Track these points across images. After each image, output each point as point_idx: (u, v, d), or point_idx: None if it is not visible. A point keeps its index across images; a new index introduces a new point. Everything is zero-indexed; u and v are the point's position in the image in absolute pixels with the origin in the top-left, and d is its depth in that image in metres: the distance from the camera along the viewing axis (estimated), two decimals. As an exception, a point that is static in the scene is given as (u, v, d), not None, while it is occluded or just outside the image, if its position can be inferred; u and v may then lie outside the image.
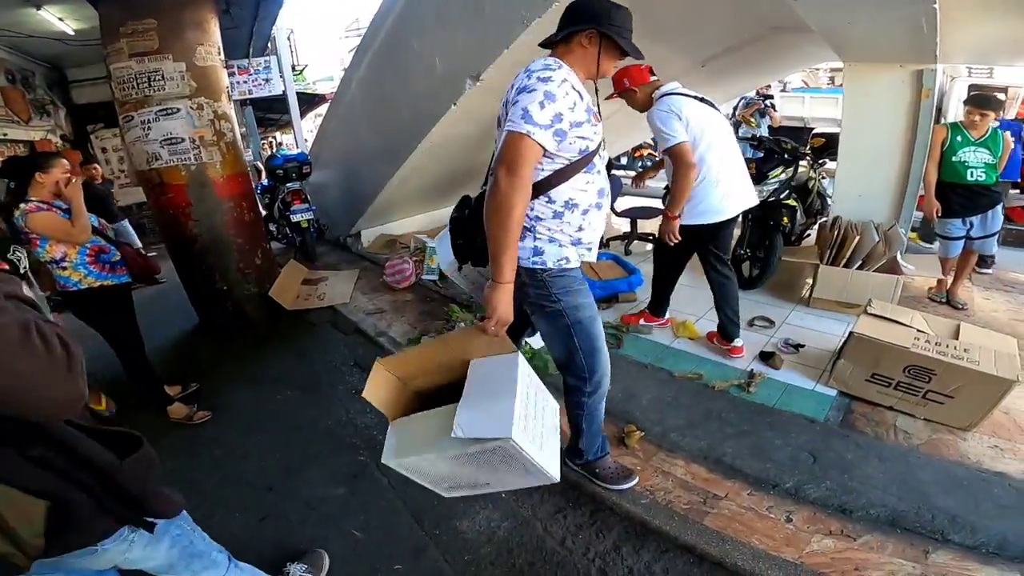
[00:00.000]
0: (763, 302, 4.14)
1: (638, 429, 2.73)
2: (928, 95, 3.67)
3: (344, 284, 5.26)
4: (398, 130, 4.82)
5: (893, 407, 2.79)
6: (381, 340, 4.03)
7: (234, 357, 4.14)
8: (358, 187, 5.85)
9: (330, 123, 6.28)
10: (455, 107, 3.99)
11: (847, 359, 2.88)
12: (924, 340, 2.71)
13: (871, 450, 2.53)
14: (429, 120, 4.31)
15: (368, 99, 5.16)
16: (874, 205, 4.02)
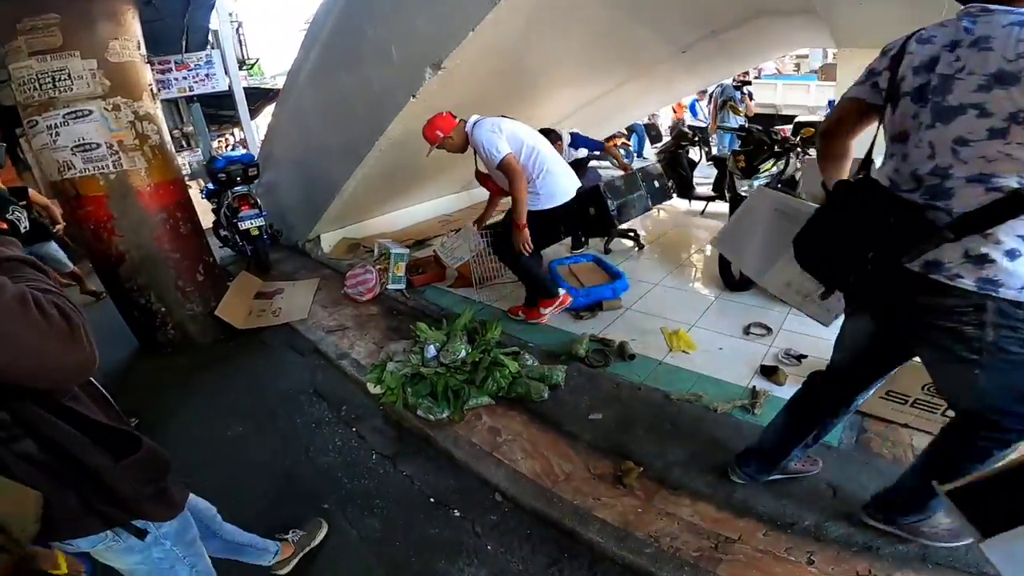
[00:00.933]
0: (754, 305, 3.87)
1: (636, 465, 2.42)
2: None
3: (302, 296, 4.80)
4: (354, 126, 4.41)
5: (908, 424, 2.58)
6: (343, 364, 3.62)
7: (178, 385, 3.68)
8: (314, 188, 5.39)
9: (279, 120, 5.78)
10: (415, 98, 3.61)
11: None
12: None
13: (893, 478, 2.23)
14: (387, 114, 3.95)
15: (319, 94, 4.73)
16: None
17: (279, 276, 5.42)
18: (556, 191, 3.33)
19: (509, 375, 3.04)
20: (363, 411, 3.18)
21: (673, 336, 3.44)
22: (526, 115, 5.62)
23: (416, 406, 2.95)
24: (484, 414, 2.92)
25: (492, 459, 2.60)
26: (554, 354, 3.40)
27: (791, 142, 3.77)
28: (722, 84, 7.69)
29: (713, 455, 2.47)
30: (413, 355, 3.31)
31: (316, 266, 5.69)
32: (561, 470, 2.49)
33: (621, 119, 7.84)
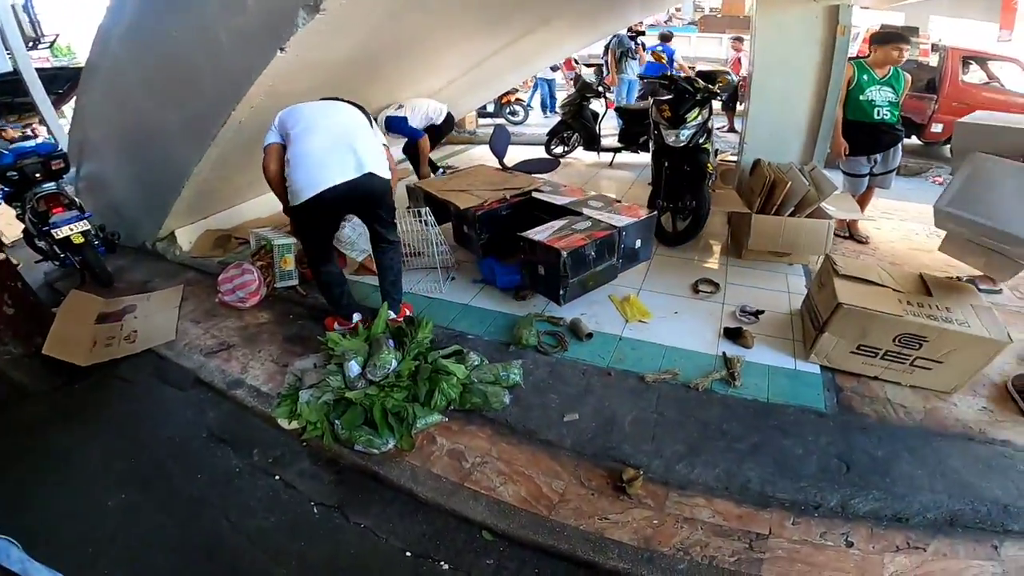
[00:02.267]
0: (692, 259, 3.74)
1: (635, 470, 2.11)
2: (844, 32, 3.52)
3: (164, 311, 3.84)
4: (198, 96, 3.48)
5: (878, 377, 2.58)
6: (238, 394, 2.88)
7: (18, 452, 2.69)
8: (154, 176, 4.29)
9: (89, 98, 4.46)
10: (283, 52, 2.83)
11: (833, 332, 2.54)
12: (907, 303, 2.47)
13: (897, 441, 2.25)
14: (244, 76, 3.08)
15: (143, 60, 3.67)
16: (785, 146, 3.86)
17: (127, 289, 4.30)
18: (298, 187, 2.74)
19: (458, 383, 2.56)
20: (282, 451, 2.53)
21: (625, 304, 3.17)
22: (417, 75, 4.96)
23: (352, 440, 2.37)
24: (438, 435, 2.44)
25: (466, 491, 2.16)
26: (501, 344, 2.97)
27: (711, 90, 3.58)
28: (618, 35, 7.53)
29: (713, 444, 2.26)
30: (331, 376, 2.67)
31: (176, 269, 4.61)
32: (552, 490, 2.13)
33: (514, 77, 7.36)
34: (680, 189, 3.72)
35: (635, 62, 7.88)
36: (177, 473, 2.48)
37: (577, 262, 2.81)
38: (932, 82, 6.92)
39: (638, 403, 2.47)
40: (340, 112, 2.91)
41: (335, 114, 2.89)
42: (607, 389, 2.57)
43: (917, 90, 6.74)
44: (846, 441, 2.23)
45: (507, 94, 9.42)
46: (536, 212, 3.43)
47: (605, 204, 3.26)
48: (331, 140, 2.76)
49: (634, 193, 5.19)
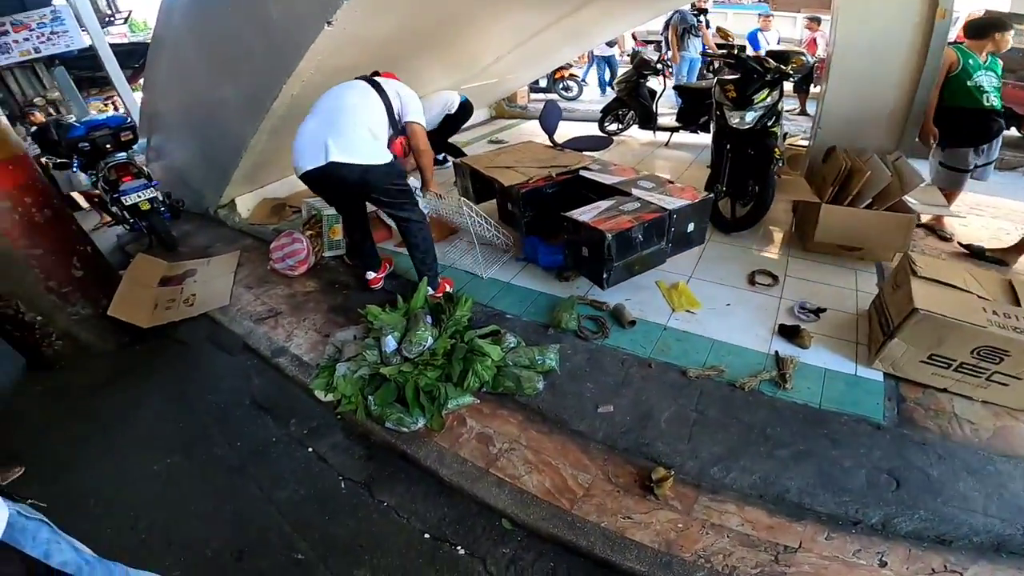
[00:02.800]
0: (752, 247, 3.50)
1: (668, 470, 2.01)
2: (944, 15, 3.17)
3: (221, 277, 3.99)
4: (252, 70, 3.54)
5: (948, 389, 2.33)
6: (281, 362, 2.95)
7: (78, 411, 2.88)
8: (215, 147, 4.45)
9: (156, 72, 4.68)
10: (331, 26, 2.82)
11: (904, 339, 2.30)
12: (992, 312, 2.19)
13: (956, 460, 2.04)
14: (293, 51, 3.12)
15: (201, 35, 3.78)
16: (865, 133, 3.54)
17: (190, 253, 4.51)
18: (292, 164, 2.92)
19: (492, 365, 2.51)
20: (317, 423, 2.58)
21: (673, 291, 3.01)
22: (468, 49, 4.86)
23: (383, 417, 2.38)
24: (468, 416, 2.40)
25: (490, 477, 2.11)
26: (540, 326, 2.89)
27: (783, 71, 3.29)
28: (680, 11, 7.13)
29: (754, 448, 2.12)
30: (368, 350, 2.68)
31: (234, 235, 4.79)
32: (578, 483, 2.06)
33: (568, 52, 7.14)
34: (742, 173, 3.46)
35: (698, 39, 7.45)
36: (219, 440, 2.57)
37: (623, 245, 2.67)
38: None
39: (678, 399, 2.34)
40: (348, 96, 2.90)
41: (341, 98, 2.90)
42: (646, 381, 2.45)
43: (1021, 79, 6.09)
44: (901, 456, 2.04)
45: (561, 69, 9.17)
46: (583, 191, 3.28)
47: (657, 185, 3.08)
48: (316, 125, 2.84)
49: (691, 175, 4.92)
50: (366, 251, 3.44)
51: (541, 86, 9.63)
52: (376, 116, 2.89)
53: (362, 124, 2.82)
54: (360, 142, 2.79)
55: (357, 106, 2.86)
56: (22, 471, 2.44)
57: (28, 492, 2.23)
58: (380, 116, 2.90)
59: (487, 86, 6.41)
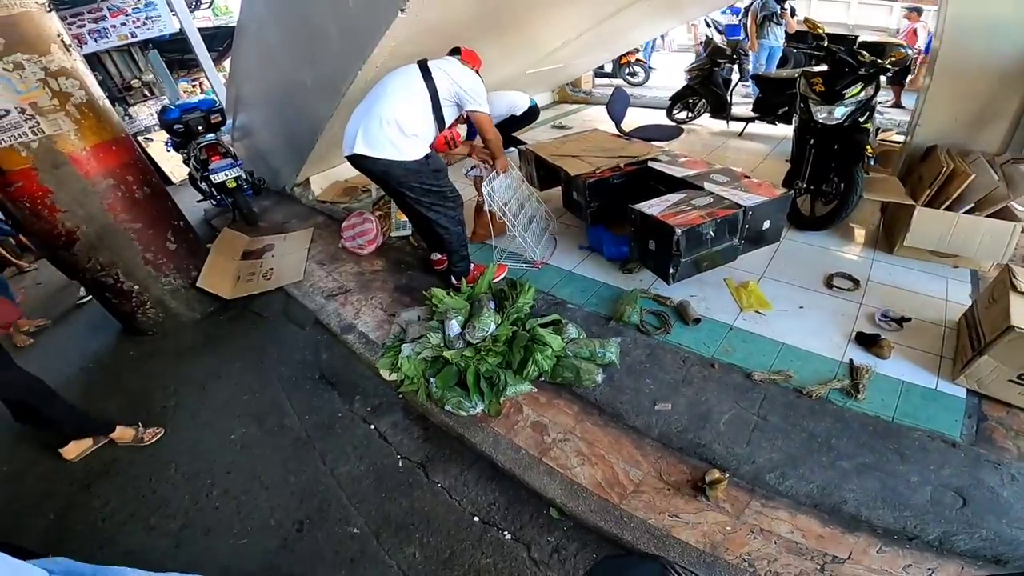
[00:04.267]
0: (832, 248, 3.32)
1: (722, 472, 1.97)
2: None
3: (296, 253, 4.21)
4: (328, 56, 3.63)
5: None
6: (349, 339, 3.09)
7: (169, 377, 3.14)
8: (293, 129, 4.64)
9: (241, 57, 4.91)
10: (404, 13, 2.84)
11: (995, 357, 2.14)
12: None
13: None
14: (368, 37, 3.17)
15: (281, 21, 3.90)
16: (974, 132, 3.20)
17: (268, 228, 4.79)
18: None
19: (552, 355, 2.52)
20: (380, 401, 2.70)
21: (741, 290, 2.91)
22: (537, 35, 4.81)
23: (443, 400, 2.46)
24: (525, 404, 2.44)
25: (543, 466, 2.14)
26: (601, 318, 2.88)
27: (880, 65, 3.04)
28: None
29: (815, 457, 2.05)
30: (432, 332, 2.76)
31: (308, 213, 5.03)
32: (629, 479, 2.05)
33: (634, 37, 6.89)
34: (826, 170, 3.26)
35: (780, 27, 6.99)
36: (289, 412, 2.73)
37: (692, 241, 2.59)
38: None
39: (740, 402, 2.28)
40: (391, 84, 2.84)
41: (385, 85, 2.85)
42: (707, 381, 2.40)
43: None
44: (972, 474, 1.93)
45: (626, 54, 8.77)
46: (652, 182, 3.21)
47: (731, 179, 2.96)
48: (359, 112, 2.88)
49: (766, 168, 4.68)
50: (429, 232, 3.44)
51: (606, 71, 9.34)
52: (411, 108, 2.79)
53: (390, 117, 2.74)
54: (383, 136, 2.74)
55: (393, 96, 2.78)
56: (162, 432, 2.69)
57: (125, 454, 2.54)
58: (416, 109, 2.80)
59: (552, 71, 6.32)
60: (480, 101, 2.85)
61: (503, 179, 3.27)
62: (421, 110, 2.81)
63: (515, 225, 3.31)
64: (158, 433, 2.66)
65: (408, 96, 2.78)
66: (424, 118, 2.83)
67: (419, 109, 2.80)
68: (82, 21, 7.22)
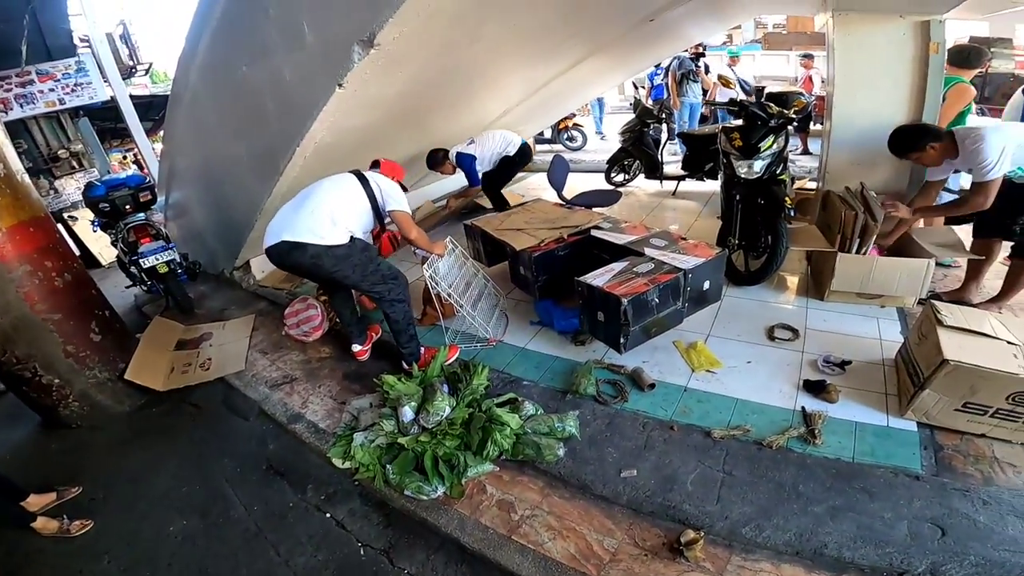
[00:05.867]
0: (768, 301, 3.47)
1: (696, 532, 1.95)
2: (937, 49, 3.16)
3: (236, 341, 4.01)
4: (265, 131, 3.63)
5: (985, 435, 2.27)
6: (297, 429, 2.93)
7: (96, 470, 2.89)
8: (230, 208, 4.53)
9: (175, 128, 4.78)
10: (342, 87, 2.89)
11: (936, 390, 2.25)
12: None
13: (1003, 504, 1.97)
14: (306, 111, 3.19)
15: (216, 94, 3.88)
16: (872, 171, 3.48)
17: (205, 316, 4.56)
18: None
19: (511, 434, 2.47)
20: (335, 489, 2.55)
21: (691, 351, 2.97)
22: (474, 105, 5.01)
23: (401, 485, 2.34)
24: (488, 484, 2.36)
25: (513, 544, 2.06)
26: (557, 392, 2.86)
27: (787, 115, 3.31)
28: (678, 57, 7.32)
29: (787, 506, 2.05)
30: (385, 419, 2.66)
31: (249, 298, 4.84)
32: (604, 548, 2.00)
33: (573, 102, 7.31)
34: (754, 224, 3.44)
35: (697, 85, 7.60)
36: (235, 504, 2.56)
37: (639, 309, 2.64)
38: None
39: (703, 460, 2.28)
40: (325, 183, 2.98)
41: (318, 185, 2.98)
42: (669, 444, 2.39)
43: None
44: (943, 504, 1.98)
45: (564, 119, 9.22)
46: (596, 251, 3.29)
47: (669, 242, 3.09)
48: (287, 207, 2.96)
49: (701, 226, 4.92)
50: (347, 322, 3.44)
51: (546, 137, 9.75)
52: (347, 205, 2.92)
53: (324, 209, 2.83)
54: (313, 224, 2.79)
55: (326, 192, 2.92)
56: (79, 491, 2.63)
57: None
58: (352, 205, 2.93)
59: None
60: (399, 201, 3.03)
61: (445, 260, 3.28)
62: (357, 207, 2.95)
63: (463, 305, 3.27)
64: (86, 525, 2.49)
65: (343, 193, 2.95)
66: (358, 214, 2.96)
67: (355, 206, 2.95)
68: (8, 85, 6.97)
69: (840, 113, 3.46)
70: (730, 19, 6.64)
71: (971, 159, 2.75)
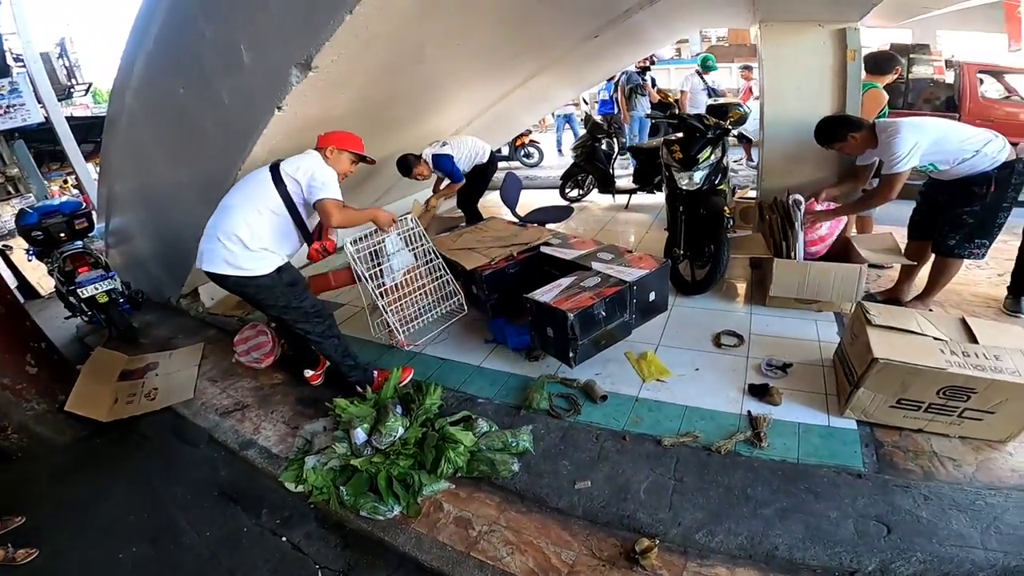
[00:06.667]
0: (714, 309, 3.59)
1: (651, 540, 1.99)
2: (854, 57, 3.37)
3: (184, 370, 3.87)
4: (205, 154, 3.55)
5: (923, 430, 2.39)
6: (249, 455, 2.86)
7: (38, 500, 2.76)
8: (175, 233, 4.35)
9: (113, 152, 4.54)
10: (281, 111, 2.86)
11: (869, 388, 2.37)
12: (951, 352, 2.29)
13: (944, 499, 2.07)
14: (245, 135, 3.13)
15: (152, 116, 3.76)
16: (807, 175, 3.63)
17: (151, 345, 4.39)
18: None
19: (465, 451, 2.47)
20: (290, 513, 2.49)
21: (641, 362, 3.04)
22: (425, 123, 5.01)
23: (357, 506, 2.32)
24: (445, 501, 2.35)
25: (472, 560, 2.06)
26: (511, 408, 2.88)
27: (723, 126, 3.46)
28: (627, 72, 7.54)
29: (737, 510, 2.12)
30: (338, 442, 2.63)
31: (198, 326, 4.68)
32: (562, 560, 2.02)
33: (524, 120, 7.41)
34: (698, 234, 3.58)
35: (645, 98, 7.83)
36: (187, 529, 2.49)
37: (586, 323, 2.70)
38: (951, 100, 6.58)
39: (655, 468, 2.33)
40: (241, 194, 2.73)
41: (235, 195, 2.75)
42: (622, 454, 2.44)
43: (936, 109, 6.46)
44: (887, 501, 2.06)
45: (521, 136, 9.32)
46: (546, 267, 3.34)
47: (615, 256, 3.17)
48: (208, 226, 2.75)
49: (652, 238, 5.07)
50: (297, 347, 3.32)
51: (503, 154, 9.82)
52: (258, 219, 2.63)
53: (230, 231, 2.59)
54: (225, 251, 2.60)
55: (236, 209, 2.65)
56: (23, 520, 2.53)
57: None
58: (265, 219, 2.64)
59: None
60: (324, 188, 2.58)
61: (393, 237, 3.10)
62: (271, 221, 2.66)
63: (376, 295, 3.11)
64: (32, 554, 2.41)
65: (254, 207, 2.63)
66: (275, 229, 2.69)
67: (268, 220, 2.65)
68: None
69: (771, 120, 3.62)
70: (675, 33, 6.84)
71: (884, 151, 2.93)
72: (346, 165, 2.85)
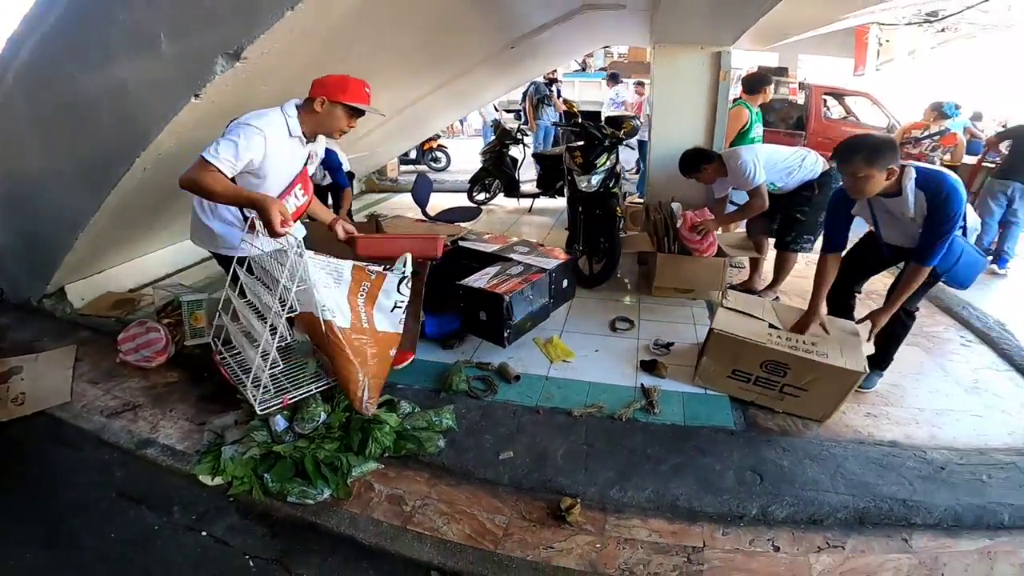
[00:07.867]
0: (610, 299, 4.02)
1: (572, 498, 2.22)
2: (726, 77, 3.90)
3: (56, 373, 3.49)
4: (98, 141, 3.30)
5: (754, 402, 2.81)
6: (149, 453, 2.68)
7: None
8: (43, 225, 3.91)
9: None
10: (198, 98, 2.79)
11: (709, 356, 2.81)
12: (777, 336, 2.72)
13: (798, 451, 2.49)
14: (152, 122, 3.00)
15: (35, 99, 3.42)
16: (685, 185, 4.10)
17: (11, 349, 3.87)
18: None
19: (391, 431, 2.56)
20: (205, 508, 2.38)
21: (548, 345, 3.33)
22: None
23: (284, 493, 2.30)
24: (375, 481, 2.41)
25: (409, 533, 2.15)
26: (431, 392, 3.01)
27: (617, 136, 3.89)
28: (535, 82, 7.95)
29: (640, 468, 2.41)
30: (255, 431, 2.58)
31: (66, 328, 4.18)
32: (496, 525, 2.18)
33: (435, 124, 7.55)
34: (595, 232, 3.99)
35: (551, 108, 8.34)
36: (85, 533, 2.28)
37: (518, 304, 2.98)
38: (800, 119, 7.37)
39: (568, 437, 2.59)
40: None
41: None
42: (538, 426, 2.67)
43: (789, 127, 7.25)
44: (756, 455, 2.45)
45: (429, 140, 9.47)
46: (464, 261, 3.52)
47: (531, 248, 3.48)
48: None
49: (553, 238, 5.47)
50: None
51: (411, 158, 9.87)
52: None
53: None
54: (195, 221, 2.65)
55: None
56: None
57: None
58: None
59: (358, 159, 6.48)
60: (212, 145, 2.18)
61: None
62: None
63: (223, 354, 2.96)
64: None
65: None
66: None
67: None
68: None
69: (657, 134, 4.13)
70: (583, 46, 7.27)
71: (736, 176, 3.50)
72: (341, 122, 2.39)
